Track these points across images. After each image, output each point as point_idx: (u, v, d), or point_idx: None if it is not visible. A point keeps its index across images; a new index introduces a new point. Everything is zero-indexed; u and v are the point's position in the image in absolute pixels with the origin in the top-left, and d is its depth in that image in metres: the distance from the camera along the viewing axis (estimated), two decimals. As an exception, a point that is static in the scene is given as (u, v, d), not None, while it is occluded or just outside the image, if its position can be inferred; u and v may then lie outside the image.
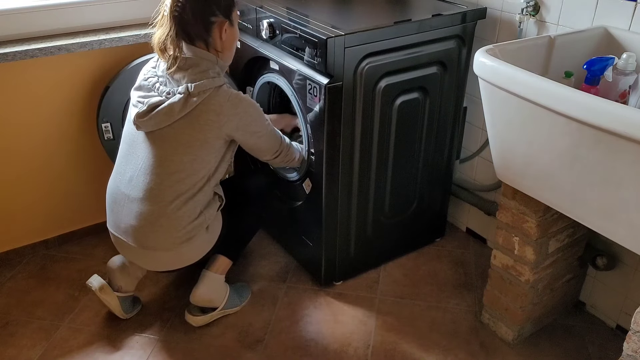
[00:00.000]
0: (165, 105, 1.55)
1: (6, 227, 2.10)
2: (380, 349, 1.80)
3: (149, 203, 1.63)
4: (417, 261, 2.19)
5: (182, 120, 1.57)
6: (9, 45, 1.87)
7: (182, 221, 1.64)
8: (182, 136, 1.58)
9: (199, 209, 1.67)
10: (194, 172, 1.62)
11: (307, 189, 1.91)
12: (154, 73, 1.64)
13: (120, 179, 1.69)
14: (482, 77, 1.43)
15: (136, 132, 1.65)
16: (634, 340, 1.26)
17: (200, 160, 1.62)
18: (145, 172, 1.63)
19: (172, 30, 1.55)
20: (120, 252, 1.80)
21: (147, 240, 1.66)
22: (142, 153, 1.64)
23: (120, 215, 1.69)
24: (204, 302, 1.84)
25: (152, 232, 1.65)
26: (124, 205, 1.67)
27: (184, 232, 1.66)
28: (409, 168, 2.00)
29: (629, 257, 1.76)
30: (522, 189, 1.54)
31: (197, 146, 1.60)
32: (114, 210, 1.72)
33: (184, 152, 1.60)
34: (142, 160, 1.63)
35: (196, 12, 1.55)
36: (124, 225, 1.69)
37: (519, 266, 1.70)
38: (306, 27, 1.70)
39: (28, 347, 1.78)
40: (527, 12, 1.78)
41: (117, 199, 1.70)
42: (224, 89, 1.59)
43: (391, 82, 1.78)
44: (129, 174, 1.66)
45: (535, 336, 1.85)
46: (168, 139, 1.60)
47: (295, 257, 2.18)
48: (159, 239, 1.66)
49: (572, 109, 1.22)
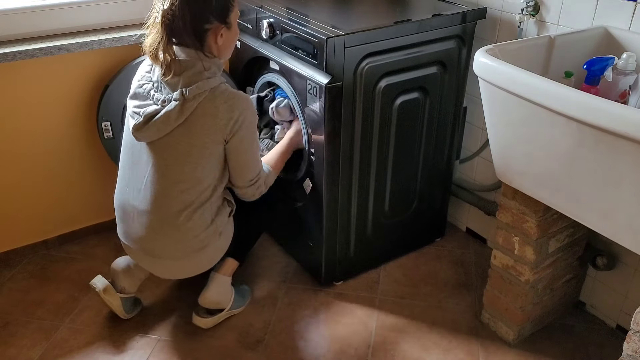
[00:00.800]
0: (162, 115, 1.50)
1: (6, 227, 2.10)
2: (380, 349, 1.80)
3: (157, 216, 1.61)
4: (417, 261, 2.19)
5: (180, 128, 1.53)
6: (9, 45, 1.86)
7: (193, 231, 1.63)
8: (180, 144, 1.55)
9: (210, 217, 1.65)
10: (198, 181, 1.59)
11: (307, 189, 1.91)
12: (149, 79, 1.58)
13: (127, 190, 1.67)
14: (482, 77, 1.43)
15: (137, 143, 1.61)
16: (634, 340, 1.26)
17: (201, 168, 1.58)
18: (151, 184, 1.60)
19: (164, 39, 1.48)
20: (135, 260, 1.79)
21: (160, 251, 1.66)
22: (145, 164, 1.61)
23: (131, 226, 1.68)
24: (212, 304, 1.84)
25: (164, 244, 1.64)
26: (134, 218, 1.65)
27: (197, 242, 1.65)
28: (409, 168, 2.00)
29: (629, 257, 1.76)
30: (522, 189, 1.54)
31: (197, 153, 1.56)
32: (125, 221, 1.70)
33: (185, 161, 1.56)
34: (147, 172, 1.60)
35: (188, 21, 1.46)
36: (135, 235, 1.68)
37: (519, 266, 1.70)
38: (306, 27, 1.70)
39: (28, 347, 1.78)
40: (527, 12, 1.78)
41: (126, 211, 1.68)
42: (221, 89, 1.53)
43: (391, 82, 1.78)
44: (137, 186, 1.63)
45: (535, 336, 1.85)
46: (168, 148, 1.56)
47: (295, 258, 2.18)
48: (171, 250, 1.65)
49: (572, 109, 1.22)
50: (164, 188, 1.59)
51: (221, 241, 1.73)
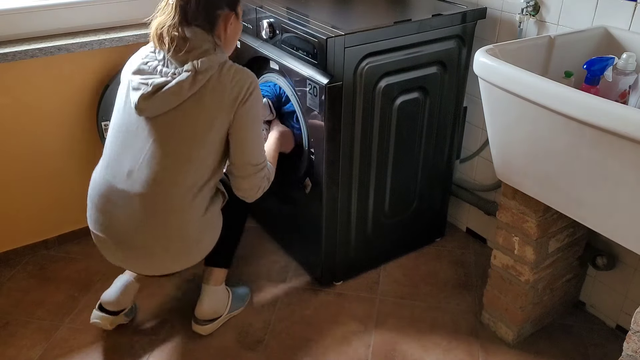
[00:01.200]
0: (174, 84, 1.45)
1: (6, 227, 2.10)
2: (380, 349, 1.80)
3: (154, 199, 1.51)
4: (417, 261, 2.19)
5: (190, 102, 1.48)
6: (9, 45, 1.87)
7: (190, 219, 1.55)
8: (189, 120, 1.49)
9: (205, 206, 1.58)
10: (202, 162, 1.53)
11: (307, 189, 1.91)
12: (154, 57, 1.54)
13: (113, 175, 1.55)
14: (482, 77, 1.43)
15: (134, 121, 1.52)
16: (634, 340, 1.26)
17: (207, 149, 1.52)
18: (149, 164, 1.50)
19: (176, 20, 1.48)
20: (106, 255, 1.66)
21: (148, 241, 1.56)
22: (142, 144, 1.52)
23: (114, 215, 1.55)
24: (209, 315, 1.83)
25: (155, 234, 1.54)
26: (121, 205, 1.54)
27: (192, 231, 1.57)
28: (409, 168, 2.00)
29: (629, 257, 1.76)
30: (522, 189, 1.54)
31: (204, 131, 1.50)
32: (105, 211, 1.57)
33: (193, 139, 1.50)
34: (144, 152, 1.51)
35: (202, 5, 1.48)
36: (120, 226, 1.56)
37: (519, 266, 1.70)
38: (306, 27, 1.70)
39: (28, 347, 1.78)
40: (527, 12, 1.78)
41: (110, 198, 1.55)
42: (229, 64, 1.52)
43: (391, 82, 1.78)
44: (127, 168, 1.53)
45: (535, 336, 1.85)
46: (174, 124, 1.50)
47: (295, 257, 2.18)
48: (161, 240, 1.55)
49: (572, 109, 1.22)
50: (166, 169, 1.51)
51: (212, 233, 1.64)
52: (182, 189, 1.53)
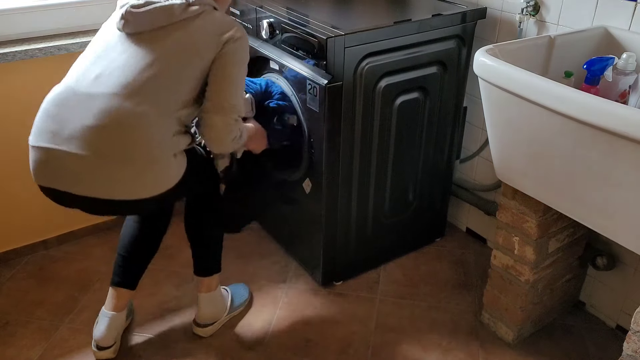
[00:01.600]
0: (166, 4, 1.43)
1: (5, 227, 2.10)
2: (380, 349, 1.80)
3: (123, 98, 1.38)
4: (417, 261, 2.19)
5: (177, 26, 1.44)
6: (9, 45, 1.87)
7: (154, 133, 1.41)
8: (173, 42, 1.44)
9: (172, 131, 1.44)
10: (177, 85, 1.44)
11: (307, 189, 1.91)
12: None
13: (77, 79, 1.44)
14: (482, 77, 1.43)
15: (115, 38, 1.46)
16: (634, 340, 1.26)
17: (188, 72, 1.45)
18: (123, 71, 1.41)
19: None
20: (45, 176, 1.43)
21: (106, 145, 1.38)
22: (117, 54, 1.44)
23: (67, 119, 1.39)
24: (209, 319, 1.83)
25: (116, 138, 1.38)
26: (78, 107, 1.39)
27: (152, 148, 1.41)
28: (409, 168, 2.00)
29: (629, 257, 1.76)
30: (522, 189, 1.54)
31: (188, 56, 1.45)
32: (57, 116, 1.40)
33: (174, 57, 1.44)
34: (118, 60, 1.43)
35: None
36: (71, 130, 1.38)
37: (519, 266, 1.70)
38: (306, 27, 1.70)
39: (28, 347, 1.78)
40: (527, 12, 1.78)
41: (66, 102, 1.41)
42: (223, 13, 1.53)
43: (391, 82, 1.78)
44: (94, 73, 1.42)
45: (535, 336, 1.85)
46: (156, 41, 1.44)
47: (295, 257, 2.18)
48: (118, 145, 1.38)
49: (572, 109, 1.22)
50: (137, 79, 1.40)
51: (172, 165, 1.46)
52: (151, 103, 1.41)
